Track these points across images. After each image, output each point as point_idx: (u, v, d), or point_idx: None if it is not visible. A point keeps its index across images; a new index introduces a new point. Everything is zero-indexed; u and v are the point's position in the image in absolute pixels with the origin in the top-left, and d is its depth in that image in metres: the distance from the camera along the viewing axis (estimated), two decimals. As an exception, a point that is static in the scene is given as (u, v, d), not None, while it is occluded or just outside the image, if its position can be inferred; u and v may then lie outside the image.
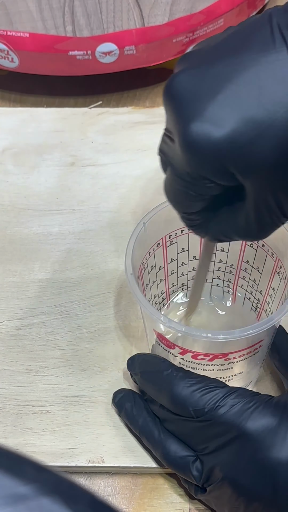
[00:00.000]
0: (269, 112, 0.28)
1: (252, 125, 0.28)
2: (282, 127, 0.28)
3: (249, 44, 0.29)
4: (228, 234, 0.35)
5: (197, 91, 0.29)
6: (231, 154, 0.29)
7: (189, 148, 0.29)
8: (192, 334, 0.36)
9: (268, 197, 0.30)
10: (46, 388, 0.45)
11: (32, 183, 0.58)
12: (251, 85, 0.28)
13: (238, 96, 0.28)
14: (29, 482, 0.17)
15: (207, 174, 0.30)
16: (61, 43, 0.59)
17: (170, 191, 0.33)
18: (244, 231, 0.33)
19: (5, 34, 0.60)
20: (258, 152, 0.28)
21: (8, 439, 0.43)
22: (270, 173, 0.29)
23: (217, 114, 0.28)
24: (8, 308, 0.50)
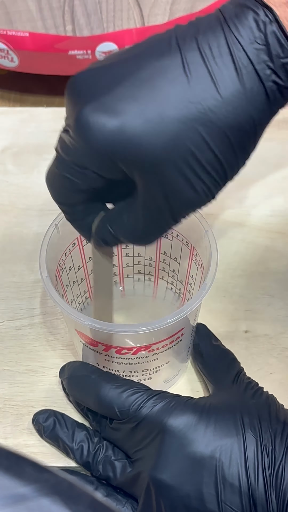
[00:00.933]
0: (159, 109, 0.29)
1: (142, 119, 0.29)
2: (169, 125, 0.29)
3: (149, 50, 0.31)
4: (115, 235, 0.35)
5: (95, 85, 0.31)
6: (119, 144, 0.30)
7: (81, 131, 0.30)
8: (111, 329, 0.36)
9: (158, 196, 0.31)
10: (46, 389, 0.44)
11: (32, 183, 0.58)
12: (145, 84, 0.30)
13: (132, 92, 0.30)
14: (29, 483, 0.17)
15: (92, 162, 0.31)
16: (61, 43, 0.59)
17: (50, 175, 0.34)
18: (130, 232, 0.34)
19: (5, 33, 0.60)
20: (145, 146, 0.30)
21: (8, 439, 0.42)
22: (156, 169, 0.30)
23: (111, 105, 0.30)
24: (8, 308, 0.49)
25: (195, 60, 0.30)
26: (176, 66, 0.30)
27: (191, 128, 0.29)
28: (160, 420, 0.37)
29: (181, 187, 0.31)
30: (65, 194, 0.34)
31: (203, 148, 0.30)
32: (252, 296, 0.50)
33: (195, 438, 0.36)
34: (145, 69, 0.30)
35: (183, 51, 0.30)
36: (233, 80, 0.29)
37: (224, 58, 0.29)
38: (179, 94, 0.29)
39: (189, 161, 0.30)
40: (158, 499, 0.35)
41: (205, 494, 0.34)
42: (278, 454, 0.34)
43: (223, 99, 0.29)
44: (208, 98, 0.29)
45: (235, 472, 0.34)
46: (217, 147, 0.30)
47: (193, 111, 0.29)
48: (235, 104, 0.29)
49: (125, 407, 0.38)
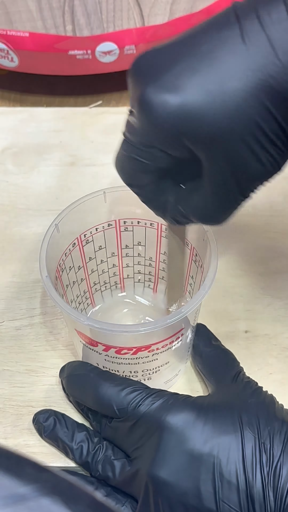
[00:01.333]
0: (220, 81, 0.29)
1: (204, 93, 0.29)
2: (231, 96, 0.29)
3: (208, 27, 0.31)
4: (185, 215, 0.35)
5: (156, 64, 0.31)
6: (183, 120, 0.30)
7: (144, 111, 0.30)
8: (111, 330, 0.36)
9: (222, 170, 0.31)
10: (46, 389, 0.44)
11: (32, 183, 0.58)
12: (205, 57, 0.30)
13: (192, 66, 0.30)
14: (29, 483, 0.17)
15: (158, 140, 0.31)
16: (61, 43, 0.59)
17: (119, 158, 0.34)
18: (201, 211, 0.34)
19: (5, 33, 0.60)
20: (209, 119, 0.29)
21: (8, 439, 0.42)
22: (221, 142, 0.30)
23: (171, 81, 0.30)
24: (8, 308, 0.49)
25: (254, 29, 0.29)
26: (235, 36, 0.29)
27: (253, 97, 0.29)
28: (158, 418, 0.37)
29: (247, 160, 0.30)
30: (135, 176, 0.34)
31: (266, 116, 0.29)
32: (252, 296, 0.50)
33: (193, 436, 0.36)
34: (204, 43, 0.30)
35: (242, 21, 0.30)
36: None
37: (283, 24, 0.29)
38: (238, 63, 0.29)
39: (253, 132, 0.30)
40: (156, 497, 0.35)
41: (202, 492, 0.34)
42: (276, 452, 0.34)
43: (283, 64, 0.29)
44: (268, 64, 0.29)
45: (233, 470, 0.34)
46: (280, 115, 0.29)
47: (254, 79, 0.29)
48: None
49: (123, 405, 0.38)
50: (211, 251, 0.39)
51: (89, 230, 0.43)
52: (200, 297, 0.37)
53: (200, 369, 0.44)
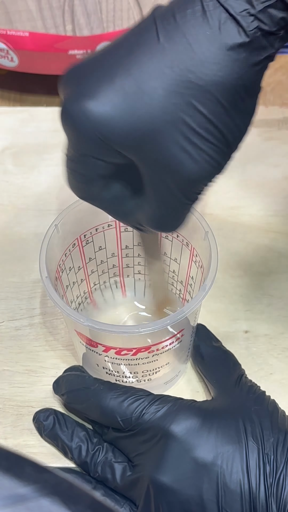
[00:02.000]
0: (137, 81, 0.29)
1: (123, 95, 0.29)
2: (151, 95, 0.29)
3: (127, 34, 0.31)
4: (141, 222, 0.34)
5: (78, 74, 0.31)
6: (106, 125, 0.29)
7: (66, 123, 0.30)
8: (111, 330, 0.36)
9: (161, 174, 0.30)
10: (45, 389, 0.44)
11: (32, 183, 0.58)
12: (122, 60, 0.29)
13: (110, 71, 0.29)
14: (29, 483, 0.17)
15: (87, 148, 0.30)
16: (61, 42, 0.59)
17: (66, 177, 0.34)
18: (152, 218, 0.33)
19: (4, 33, 0.59)
20: (131, 122, 0.29)
21: (7, 439, 0.42)
22: (149, 143, 0.29)
23: (91, 89, 0.29)
24: (8, 308, 0.49)
25: (170, 27, 0.29)
26: (151, 37, 0.29)
27: (174, 93, 0.28)
28: (163, 425, 0.37)
29: (180, 160, 0.29)
30: (84, 189, 0.33)
31: (191, 111, 0.29)
32: (252, 296, 0.50)
33: (198, 444, 0.35)
34: (122, 48, 0.30)
35: (158, 22, 0.29)
36: (207, 38, 0.28)
37: (198, 18, 0.28)
38: (155, 62, 0.29)
39: (180, 129, 0.29)
40: (157, 503, 0.35)
41: (205, 500, 0.34)
42: (279, 463, 0.34)
43: (200, 58, 0.28)
44: (184, 59, 0.28)
45: (236, 480, 0.34)
46: (205, 108, 0.29)
47: (172, 75, 0.28)
48: (214, 60, 0.28)
49: (127, 415, 0.38)
50: (211, 251, 0.39)
51: (89, 230, 0.43)
52: (200, 298, 0.37)
53: (201, 370, 0.44)
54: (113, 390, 0.39)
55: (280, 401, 0.39)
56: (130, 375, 0.41)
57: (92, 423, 0.41)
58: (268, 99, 0.65)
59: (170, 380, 0.44)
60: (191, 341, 0.43)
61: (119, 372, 0.41)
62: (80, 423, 0.41)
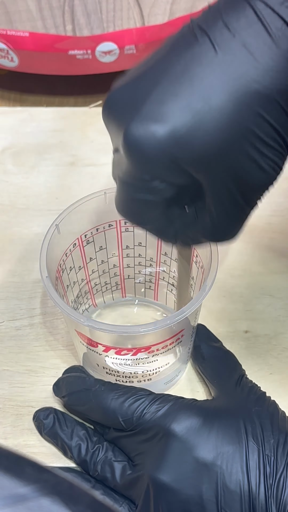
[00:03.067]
0: (204, 97, 0.28)
1: (191, 114, 0.28)
2: (219, 110, 0.28)
3: (174, 47, 0.30)
4: (196, 238, 0.34)
5: (132, 98, 0.30)
6: (176, 146, 0.29)
7: (133, 150, 0.29)
8: (111, 330, 0.36)
9: (226, 185, 0.30)
10: (46, 389, 0.44)
11: (32, 183, 0.58)
12: (181, 77, 0.29)
13: (172, 89, 0.29)
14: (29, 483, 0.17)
15: (156, 174, 0.30)
16: (61, 42, 0.59)
17: (121, 203, 0.33)
18: (213, 231, 0.33)
19: (4, 33, 0.59)
20: (202, 139, 0.29)
21: (8, 439, 0.42)
22: (219, 158, 0.29)
23: (155, 110, 0.29)
24: (8, 308, 0.49)
25: (225, 38, 0.28)
26: (207, 49, 0.29)
27: (242, 106, 0.28)
28: (164, 425, 0.37)
29: (248, 170, 0.30)
30: (144, 215, 0.33)
31: (260, 122, 0.29)
32: (252, 296, 0.50)
33: (198, 443, 0.36)
34: (178, 63, 0.29)
35: (210, 33, 0.29)
36: (268, 46, 0.28)
37: (255, 27, 0.28)
38: (219, 76, 0.28)
39: (250, 140, 0.29)
40: (156, 501, 0.35)
41: (205, 500, 0.34)
42: (279, 465, 0.34)
43: (263, 67, 0.28)
44: (248, 70, 0.28)
45: (236, 480, 0.34)
46: (272, 117, 0.29)
47: (238, 87, 0.28)
48: (277, 69, 0.28)
49: (128, 415, 0.38)
50: (211, 252, 0.39)
51: (90, 230, 0.43)
52: (200, 298, 0.37)
53: (202, 371, 0.44)
54: (114, 391, 0.39)
55: (280, 401, 0.39)
56: (130, 375, 0.41)
57: (93, 423, 0.41)
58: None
59: (170, 380, 0.44)
60: (191, 341, 0.43)
61: (119, 372, 0.41)
62: (80, 422, 0.41)
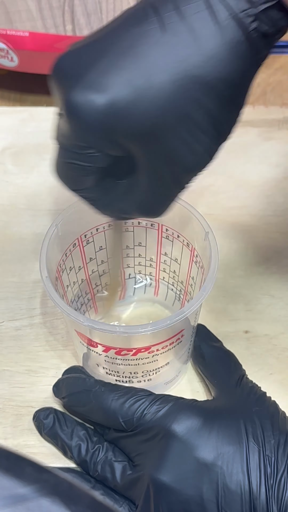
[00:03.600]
0: (146, 75, 0.29)
1: (131, 88, 0.29)
2: (159, 89, 0.29)
3: (126, 21, 0.30)
4: (127, 211, 0.35)
5: (78, 64, 0.30)
6: (113, 118, 0.29)
7: (72, 114, 0.30)
8: (111, 330, 0.36)
9: (157, 164, 0.31)
10: (46, 389, 0.44)
11: (32, 183, 0.58)
12: (127, 52, 0.29)
13: (116, 63, 0.29)
14: (29, 483, 0.17)
15: (92, 142, 0.31)
16: (61, 42, 0.59)
17: (58, 168, 0.34)
18: (141, 205, 0.34)
19: (4, 33, 0.59)
20: (139, 114, 0.29)
21: (7, 440, 0.42)
22: (153, 136, 0.30)
23: (96, 81, 0.29)
24: (8, 308, 0.49)
25: (173, 20, 0.29)
26: (155, 29, 0.29)
27: (181, 89, 0.29)
28: (164, 425, 0.37)
29: (181, 152, 0.30)
30: (79, 181, 0.33)
31: (197, 107, 0.29)
32: (252, 296, 0.50)
33: (198, 444, 0.35)
34: (125, 38, 0.30)
35: (160, 13, 0.29)
36: (213, 34, 0.29)
37: (202, 13, 0.29)
38: (163, 56, 0.29)
39: (185, 123, 0.30)
40: (157, 502, 0.35)
41: (205, 500, 0.34)
42: (280, 465, 0.34)
43: (207, 54, 0.29)
44: (192, 55, 0.29)
45: (237, 481, 0.34)
46: (210, 104, 0.29)
47: (180, 70, 0.29)
48: (220, 57, 0.29)
49: (128, 416, 0.38)
50: (211, 252, 0.39)
51: (90, 230, 0.43)
52: (200, 298, 0.37)
53: (202, 371, 0.44)
54: (114, 392, 0.39)
55: (280, 402, 0.39)
56: (130, 375, 0.41)
57: (93, 424, 0.41)
58: (268, 99, 0.65)
59: (170, 380, 0.44)
60: (191, 341, 0.43)
61: (119, 372, 0.41)
62: (80, 422, 0.41)
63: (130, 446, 0.39)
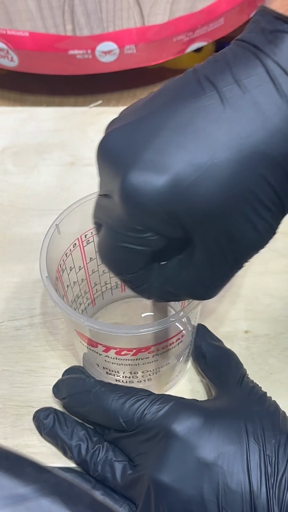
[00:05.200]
0: (209, 152, 0.27)
1: (194, 167, 0.27)
2: (223, 166, 0.27)
3: (179, 95, 0.29)
4: (177, 294, 0.33)
5: (132, 143, 0.28)
6: (175, 199, 0.27)
7: (131, 198, 0.28)
8: (111, 330, 0.36)
9: (219, 244, 0.29)
10: (46, 389, 0.44)
11: (32, 183, 0.58)
12: (186, 128, 0.28)
13: (174, 141, 0.28)
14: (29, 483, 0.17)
15: (150, 225, 0.29)
16: (61, 42, 0.59)
17: (107, 251, 0.32)
18: (195, 288, 0.32)
19: (4, 33, 0.59)
20: (202, 194, 0.27)
21: (7, 440, 0.42)
22: (217, 215, 0.28)
23: (155, 160, 0.27)
24: (8, 308, 0.49)
25: (235, 94, 0.28)
26: (215, 103, 0.28)
27: (246, 166, 0.27)
28: (165, 425, 0.37)
29: (244, 231, 0.29)
30: (128, 264, 0.31)
31: (262, 184, 0.28)
32: (252, 296, 0.50)
33: (199, 443, 0.35)
34: (182, 113, 0.28)
35: (219, 87, 0.28)
36: (279, 106, 0.27)
37: (266, 86, 0.27)
38: (226, 133, 0.27)
39: (250, 201, 0.28)
40: (157, 501, 0.35)
41: (206, 500, 0.34)
42: (281, 465, 0.34)
43: (272, 127, 0.27)
44: (257, 131, 0.27)
45: (237, 480, 0.34)
46: (275, 180, 0.28)
47: (245, 146, 0.27)
48: (286, 131, 0.27)
49: (128, 416, 0.38)
50: None
51: (90, 230, 0.43)
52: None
53: (203, 370, 0.44)
54: (114, 392, 0.39)
55: (281, 402, 0.39)
56: (130, 375, 0.41)
57: (93, 424, 0.41)
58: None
59: (170, 380, 0.44)
60: (192, 341, 0.43)
61: (120, 372, 0.41)
62: (80, 422, 0.41)
63: (131, 446, 0.39)
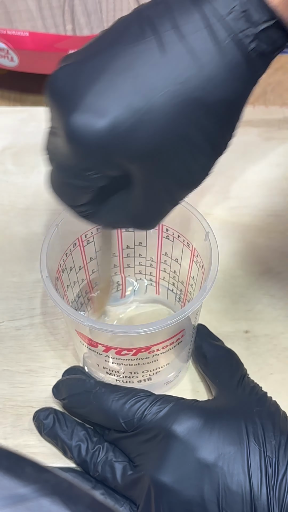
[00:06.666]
0: (146, 97, 0.29)
1: (131, 112, 0.29)
2: (159, 111, 0.29)
3: (121, 38, 0.30)
4: (120, 223, 0.36)
5: (76, 84, 0.30)
6: (114, 142, 0.29)
7: (73, 139, 0.29)
8: (111, 330, 0.36)
9: (155, 183, 0.31)
10: (46, 389, 0.44)
11: (32, 183, 0.58)
12: (126, 73, 0.29)
13: (114, 85, 0.29)
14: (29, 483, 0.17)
15: (92, 165, 0.31)
16: (61, 42, 0.59)
17: (55, 185, 0.34)
18: (134, 219, 0.34)
19: (4, 33, 0.59)
20: (139, 138, 0.29)
21: (7, 440, 0.42)
22: (153, 158, 0.30)
23: (96, 103, 0.29)
24: (8, 308, 0.49)
25: (172, 40, 0.29)
26: (153, 49, 0.29)
27: (182, 110, 0.29)
28: (165, 425, 0.37)
29: (178, 171, 0.31)
30: (75, 198, 0.34)
31: (197, 128, 0.29)
32: (252, 296, 0.50)
33: (199, 444, 0.35)
34: (122, 57, 0.29)
35: (158, 32, 0.29)
36: (213, 55, 0.28)
37: (201, 33, 0.28)
38: (163, 78, 0.29)
39: (184, 144, 0.30)
40: (158, 503, 0.35)
41: (206, 501, 0.34)
42: (281, 466, 0.34)
43: (207, 75, 0.29)
44: (192, 77, 0.28)
45: (237, 481, 0.34)
46: (209, 125, 0.30)
47: (180, 92, 0.29)
48: (220, 79, 0.29)
49: (129, 417, 0.38)
50: (212, 252, 0.39)
51: (90, 230, 0.43)
52: (201, 298, 0.37)
53: (204, 370, 0.44)
54: (114, 393, 0.39)
55: (281, 402, 0.39)
56: (130, 375, 0.41)
57: (93, 425, 0.41)
58: (268, 99, 0.65)
59: (170, 380, 0.44)
60: (192, 341, 0.43)
61: (120, 372, 0.41)
62: (80, 422, 0.41)
63: (131, 446, 0.39)
